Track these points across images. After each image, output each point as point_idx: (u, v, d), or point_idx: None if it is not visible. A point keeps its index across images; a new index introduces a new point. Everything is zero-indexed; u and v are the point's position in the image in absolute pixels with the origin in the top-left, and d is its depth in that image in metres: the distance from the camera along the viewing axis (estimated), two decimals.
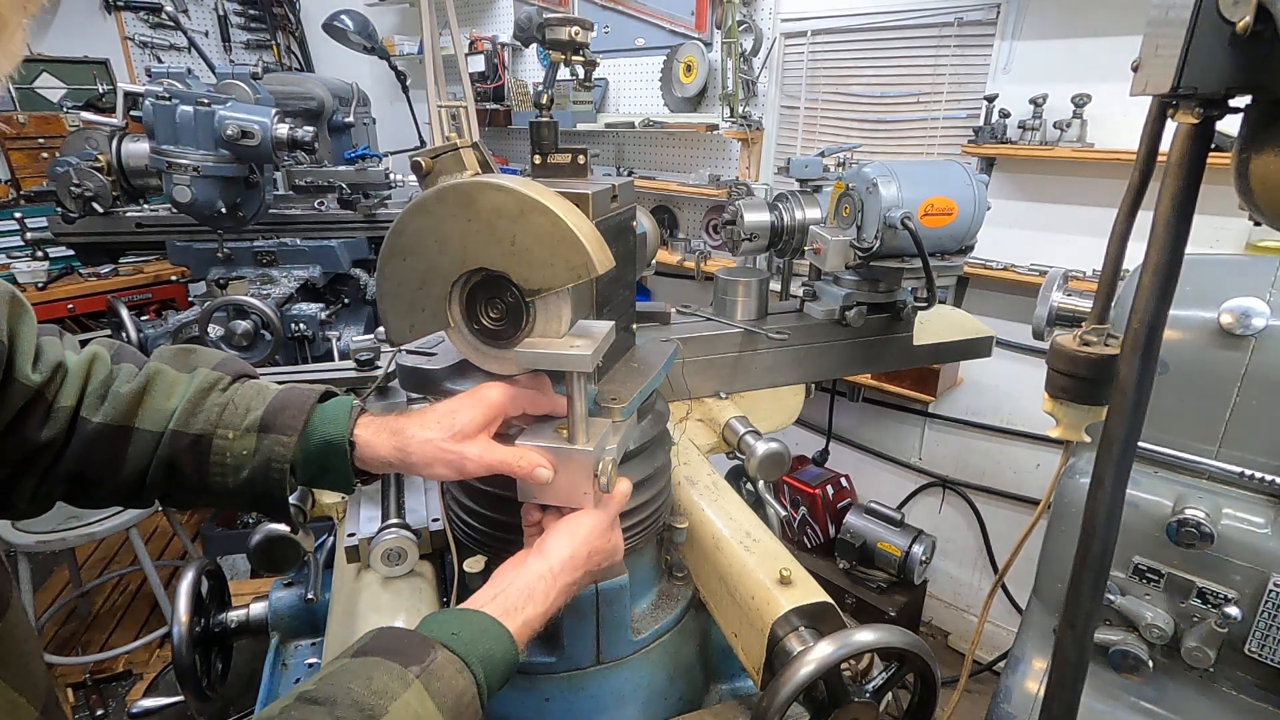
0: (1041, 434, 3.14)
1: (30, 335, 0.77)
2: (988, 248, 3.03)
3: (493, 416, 0.87)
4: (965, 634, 3.65)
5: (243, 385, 0.88)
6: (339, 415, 0.87)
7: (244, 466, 0.83)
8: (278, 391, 0.88)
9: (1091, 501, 0.86)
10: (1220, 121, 0.73)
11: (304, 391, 0.89)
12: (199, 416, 0.83)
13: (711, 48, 3.86)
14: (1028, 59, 2.89)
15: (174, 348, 0.92)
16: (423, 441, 0.84)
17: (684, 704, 1.25)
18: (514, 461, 0.85)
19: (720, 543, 1.19)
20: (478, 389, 0.89)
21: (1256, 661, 1.33)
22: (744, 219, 1.65)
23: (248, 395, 0.87)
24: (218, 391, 0.86)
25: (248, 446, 0.83)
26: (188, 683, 1.15)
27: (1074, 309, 1.34)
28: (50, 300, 3.63)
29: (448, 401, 0.89)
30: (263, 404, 0.86)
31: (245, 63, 4.82)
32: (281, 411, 0.85)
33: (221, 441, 0.83)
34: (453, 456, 0.84)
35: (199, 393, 0.85)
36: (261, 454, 0.83)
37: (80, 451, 0.80)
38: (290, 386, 0.90)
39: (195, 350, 0.92)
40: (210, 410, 0.84)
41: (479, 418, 0.86)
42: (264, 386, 0.89)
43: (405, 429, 0.86)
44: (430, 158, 0.97)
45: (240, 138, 2.21)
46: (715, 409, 1.57)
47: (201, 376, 0.87)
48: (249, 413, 0.85)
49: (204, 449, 0.83)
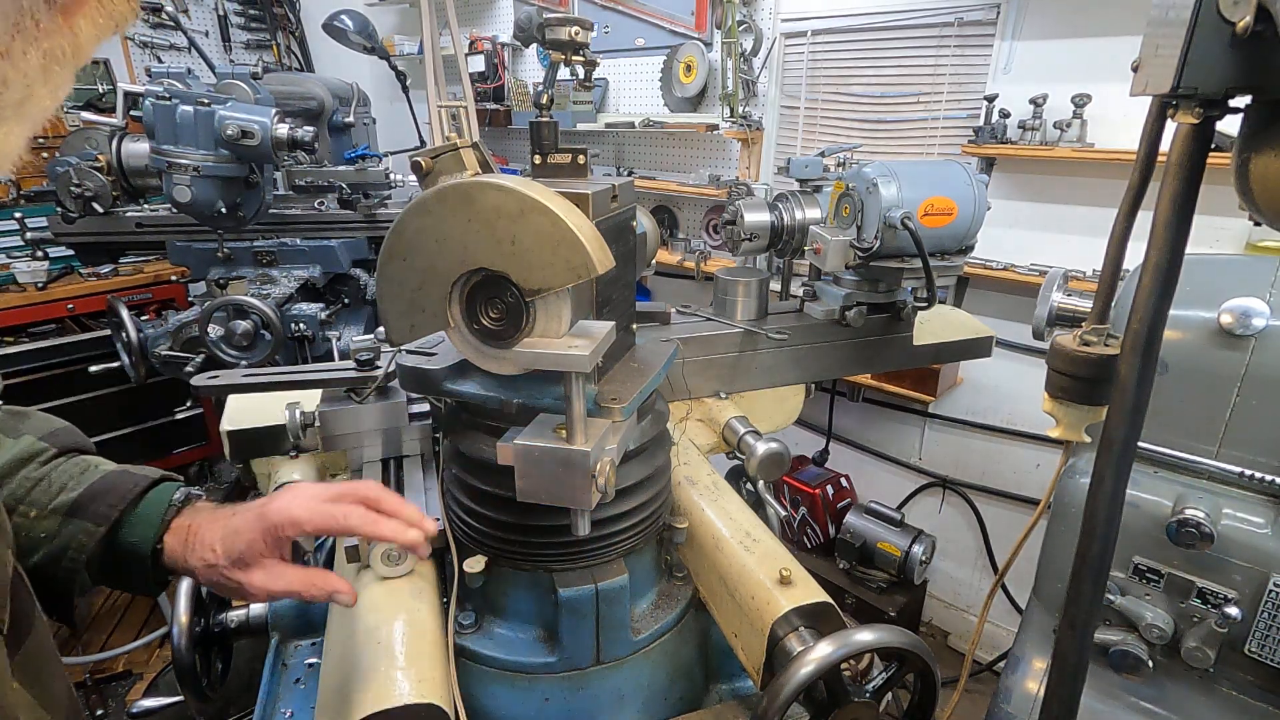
0: (1041, 434, 3.13)
1: None
2: (988, 248, 3.02)
3: (276, 541, 0.79)
4: (965, 634, 3.65)
5: (67, 461, 0.81)
6: (153, 515, 0.80)
7: (37, 549, 0.76)
8: (102, 474, 0.81)
9: (1091, 501, 0.86)
10: (1220, 121, 0.73)
11: (133, 477, 0.81)
12: (4, 489, 0.76)
13: (711, 48, 3.86)
14: (1028, 59, 2.89)
15: (7, 409, 0.83)
16: (206, 566, 0.78)
17: (684, 704, 1.25)
18: (303, 590, 0.79)
19: (720, 543, 1.19)
20: (269, 501, 0.81)
21: (1256, 662, 1.33)
22: (744, 219, 1.65)
23: (68, 473, 0.80)
24: (36, 464, 0.79)
25: (48, 529, 0.76)
26: (188, 683, 1.15)
27: (1074, 309, 1.33)
28: (50, 300, 3.62)
29: (238, 517, 0.80)
30: (80, 486, 0.79)
31: (245, 63, 4.82)
32: (99, 497, 0.78)
33: (20, 519, 0.75)
34: (232, 585, 0.78)
35: (15, 462, 0.78)
36: (60, 539, 0.76)
37: None
38: (122, 470, 0.82)
39: (28, 415, 0.84)
40: (20, 484, 0.77)
41: (258, 542, 0.78)
42: (91, 465, 0.82)
43: (196, 546, 0.79)
44: (430, 158, 0.97)
45: (240, 138, 2.21)
46: (715, 409, 1.57)
47: (24, 445, 0.80)
48: (62, 492, 0.78)
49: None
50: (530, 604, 1.16)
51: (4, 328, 3.55)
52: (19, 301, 3.54)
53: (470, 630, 1.14)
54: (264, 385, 1.29)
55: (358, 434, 1.33)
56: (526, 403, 0.95)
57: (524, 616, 1.17)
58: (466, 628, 1.14)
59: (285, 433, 1.26)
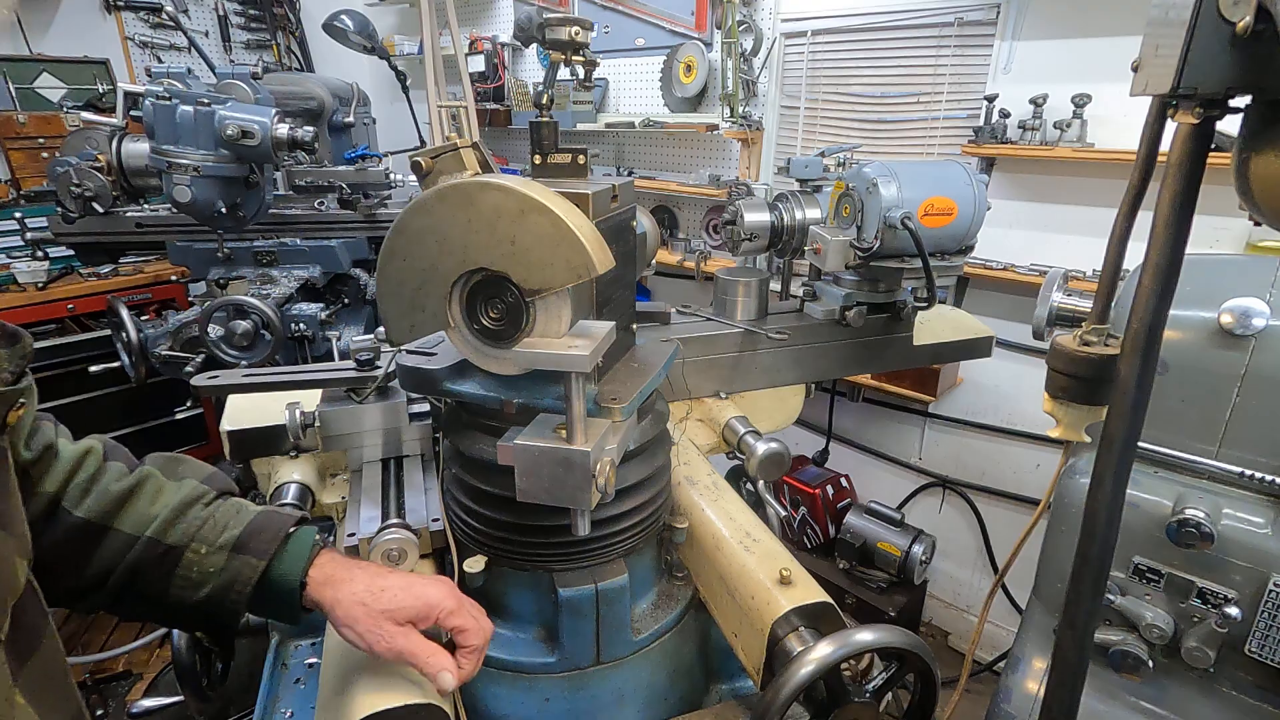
0: (1041, 434, 3.13)
1: (30, 414, 0.77)
2: (988, 248, 3.02)
3: (425, 616, 0.87)
4: (965, 634, 3.65)
5: (225, 502, 0.90)
6: (301, 551, 0.88)
7: (206, 583, 0.84)
8: (256, 513, 0.89)
9: (1091, 501, 0.86)
10: (1220, 121, 0.73)
11: (281, 517, 0.90)
12: (178, 528, 0.85)
13: (711, 48, 3.86)
14: (1028, 59, 2.89)
15: (164, 455, 0.94)
16: (354, 603, 0.85)
17: (684, 704, 1.25)
18: (424, 656, 0.85)
19: (720, 543, 1.19)
20: (429, 585, 0.89)
21: (1256, 662, 1.33)
22: (744, 219, 1.65)
23: (228, 513, 0.88)
24: (201, 505, 0.88)
25: (216, 564, 0.84)
26: (188, 683, 1.15)
27: (1074, 309, 1.33)
28: (50, 300, 3.62)
29: (398, 577, 0.89)
30: (241, 524, 0.87)
31: (245, 63, 4.82)
32: (257, 534, 0.87)
33: (192, 556, 0.84)
34: (373, 629, 0.84)
35: (184, 504, 0.86)
36: (228, 573, 0.85)
37: (54, 542, 0.79)
38: (268, 510, 0.91)
39: (184, 460, 0.94)
40: (190, 523, 0.85)
41: (412, 611, 0.86)
42: (243, 505, 0.91)
43: (346, 584, 0.87)
44: (430, 158, 0.97)
45: (240, 138, 2.21)
46: (715, 409, 1.57)
47: (189, 488, 0.88)
48: (225, 530, 0.86)
49: (173, 560, 0.84)
50: (530, 604, 1.16)
51: None
52: (19, 301, 3.54)
53: None
54: (264, 385, 1.29)
55: (358, 434, 1.33)
56: (526, 403, 0.95)
57: (524, 616, 1.17)
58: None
59: (285, 433, 1.26)
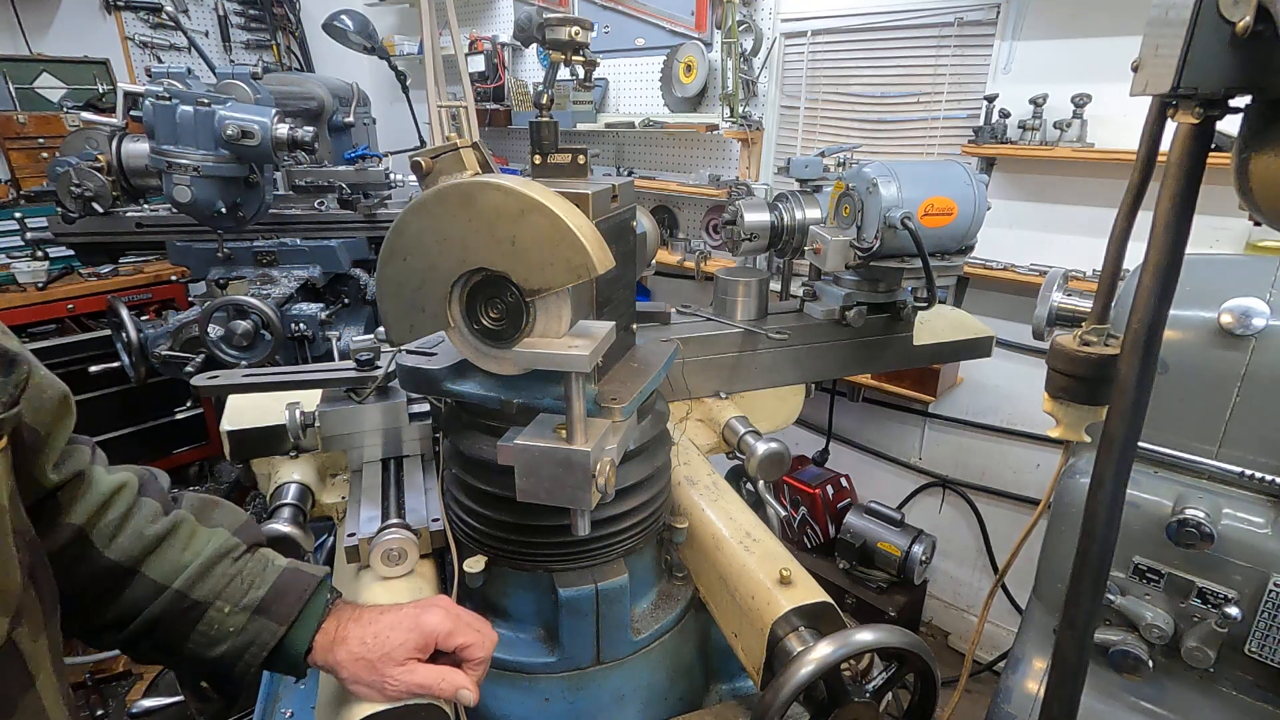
0: (1041, 434, 3.13)
1: (63, 436, 0.77)
2: (988, 248, 3.02)
3: (425, 647, 0.87)
4: (965, 634, 3.65)
5: (253, 557, 0.89)
6: (315, 614, 0.87)
7: (224, 641, 0.83)
8: (280, 571, 0.89)
9: (1091, 501, 0.86)
10: (1220, 121, 0.73)
11: (304, 578, 0.89)
12: (206, 583, 0.84)
13: (711, 48, 3.86)
14: (1028, 59, 2.89)
15: (200, 497, 0.92)
16: (353, 660, 0.85)
17: (684, 704, 1.26)
18: (435, 685, 0.85)
19: (720, 543, 1.19)
20: (422, 613, 0.88)
21: (1256, 661, 1.33)
22: (744, 219, 1.65)
23: (254, 570, 0.87)
24: (229, 560, 0.87)
25: (237, 624, 0.84)
26: (188, 683, 1.15)
27: (1074, 309, 1.33)
28: (50, 300, 3.62)
29: (391, 615, 0.88)
30: (266, 583, 0.86)
31: (245, 63, 4.82)
32: (281, 598, 0.86)
33: (215, 614, 0.83)
34: (379, 680, 0.84)
35: (215, 557, 0.85)
36: (246, 635, 0.84)
37: (82, 582, 0.79)
38: (294, 569, 0.90)
39: (220, 504, 0.93)
40: (218, 579, 0.85)
41: (410, 646, 0.86)
42: (269, 561, 0.90)
43: (344, 644, 0.86)
44: (430, 158, 0.97)
45: (240, 138, 2.21)
46: (715, 409, 1.57)
47: (220, 540, 0.87)
48: (251, 589, 0.85)
49: (196, 616, 0.83)
50: (530, 604, 1.16)
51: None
52: (19, 301, 3.54)
53: None
54: (264, 385, 1.29)
55: (358, 434, 1.33)
56: (526, 403, 0.95)
57: (524, 616, 1.17)
58: None
59: (285, 433, 1.26)
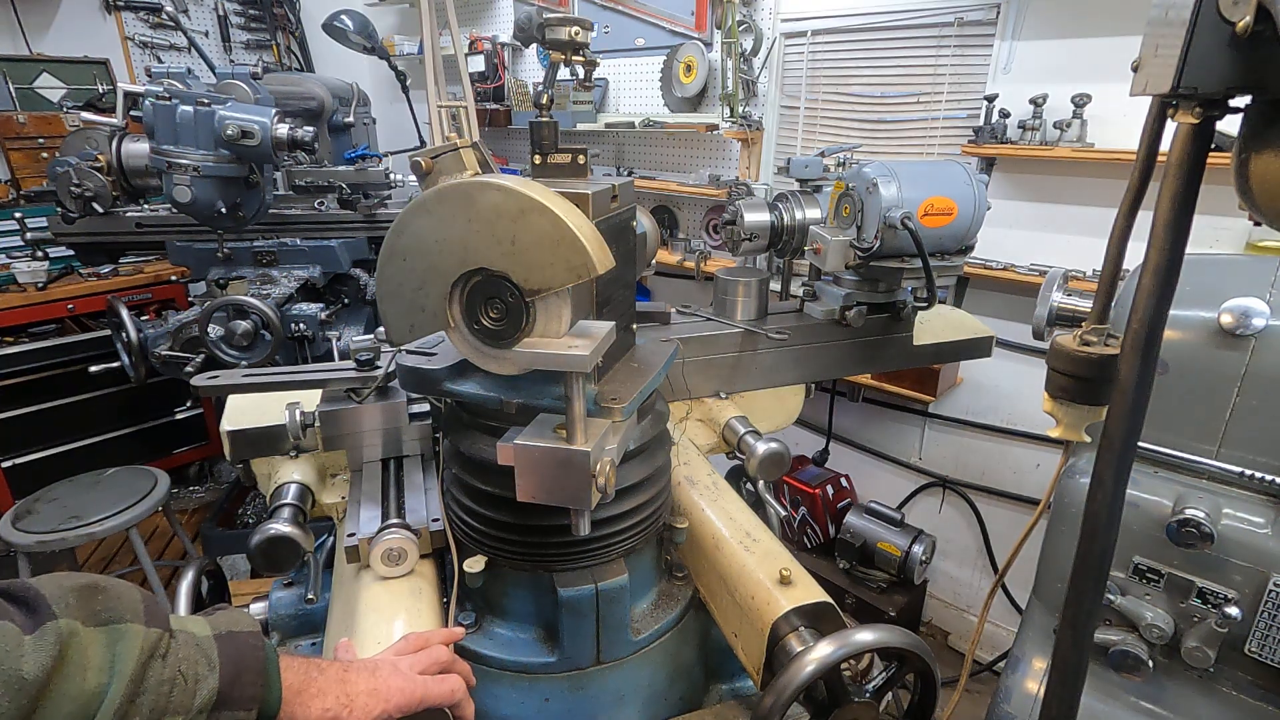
0: (1041, 434, 3.13)
1: None
2: (988, 248, 3.02)
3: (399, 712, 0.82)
4: (965, 634, 3.64)
5: (177, 642, 0.69)
6: (275, 680, 0.74)
7: None
8: (221, 643, 0.71)
9: (1091, 501, 0.86)
10: (1220, 121, 0.73)
11: (250, 644, 0.73)
12: (142, 702, 0.63)
13: (711, 48, 3.85)
14: (1028, 59, 2.89)
15: (75, 586, 0.65)
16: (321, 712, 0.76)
17: (684, 704, 1.26)
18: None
19: (720, 543, 1.19)
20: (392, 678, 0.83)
21: (1256, 661, 1.33)
22: (744, 219, 1.65)
23: (191, 658, 0.68)
24: (159, 661, 0.65)
25: None
26: None
27: (1074, 309, 1.34)
28: (50, 300, 3.63)
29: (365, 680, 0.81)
30: (211, 669, 0.69)
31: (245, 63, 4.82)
32: (237, 681, 0.69)
33: None
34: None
35: (139, 667, 0.63)
36: None
37: None
38: (226, 635, 0.73)
39: (103, 589, 0.67)
40: (157, 696, 0.64)
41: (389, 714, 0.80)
42: (199, 635, 0.72)
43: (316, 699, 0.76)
44: (430, 158, 0.97)
45: (240, 138, 2.21)
46: (715, 409, 1.57)
47: (136, 640, 0.64)
48: (199, 684, 0.67)
49: None
50: (530, 604, 1.16)
51: (4, 328, 3.55)
52: (19, 301, 3.55)
53: (470, 630, 1.14)
54: (264, 385, 1.29)
55: (358, 434, 1.33)
56: (526, 403, 0.95)
57: (524, 616, 1.17)
58: (466, 628, 1.14)
59: (285, 433, 1.26)
